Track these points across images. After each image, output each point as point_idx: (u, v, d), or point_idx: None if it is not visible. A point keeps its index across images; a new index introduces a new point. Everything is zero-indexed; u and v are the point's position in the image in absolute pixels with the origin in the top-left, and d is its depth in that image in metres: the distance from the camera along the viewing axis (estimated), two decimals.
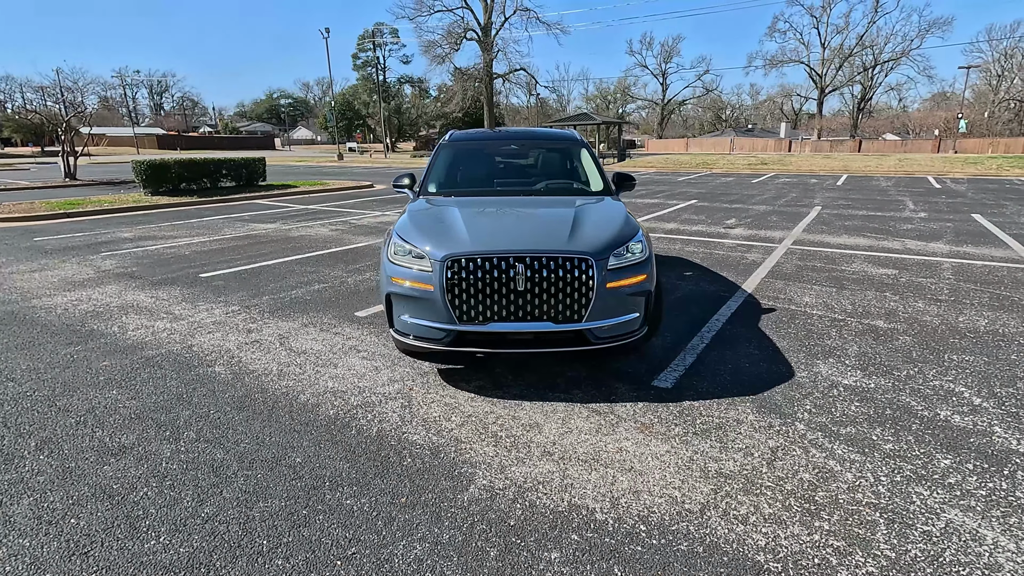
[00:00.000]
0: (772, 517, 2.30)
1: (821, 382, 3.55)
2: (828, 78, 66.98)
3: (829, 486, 2.50)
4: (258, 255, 7.70)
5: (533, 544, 2.16)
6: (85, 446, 2.88)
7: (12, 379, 3.72)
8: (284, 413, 3.22)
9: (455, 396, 3.41)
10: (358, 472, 2.64)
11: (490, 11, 40.68)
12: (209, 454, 2.80)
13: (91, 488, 2.53)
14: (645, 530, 2.23)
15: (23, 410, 3.28)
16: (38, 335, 4.56)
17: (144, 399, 3.41)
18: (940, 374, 3.66)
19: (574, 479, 2.57)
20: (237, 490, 2.51)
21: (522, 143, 5.24)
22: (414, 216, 3.83)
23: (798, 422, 3.05)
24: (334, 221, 11.06)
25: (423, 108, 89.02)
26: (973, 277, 6.11)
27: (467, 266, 3.18)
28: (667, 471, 2.63)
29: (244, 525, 2.28)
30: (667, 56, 77.41)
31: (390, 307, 3.49)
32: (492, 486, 2.53)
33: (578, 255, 3.19)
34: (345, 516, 2.33)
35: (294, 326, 4.72)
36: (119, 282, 6.28)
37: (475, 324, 3.23)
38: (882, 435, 2.91)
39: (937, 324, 4.61)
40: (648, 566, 2.04)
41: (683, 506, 2.37)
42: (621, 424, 3.05)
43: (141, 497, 2.46)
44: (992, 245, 7.88)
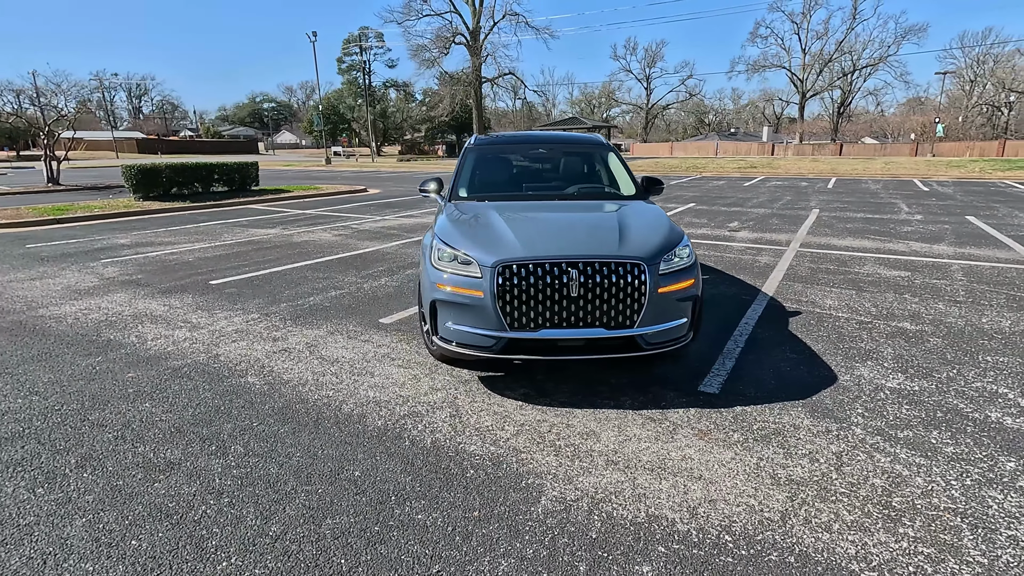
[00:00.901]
0: (855, 524, 2.27)
1: (866, 385, 3.56)
2: (809, 83, 68.18)
3: (903, 491, 2.48)
4: (265, 261, 7.55)
5: (621, 558, 2.11)
6: (129, 462, 2.76)
7: (36, 392, 3.57)
8: (330, 424, 3.13)
9: (503, 404, 3.35)
10: (422, 485, 2.56)
11: (479, 15, 40.70)
12: (262, 469, 2.70)
13: (146, 507, 2.42)
14: (731, 540, 2.19)
15: (54, 425, 3.14)
16: (52, 346, 4.39)
17: (180, 412, 3.29)
18: (979, 376, 3.68)
19: (646, 489, 2.53)
20: (300, 506, 2.42)
21: (550, 147, 5.20)
22: (454, 221, 3.76)
23: (854, 426, 3.05)
24: (335, 226, 10.91)
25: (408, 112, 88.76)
26: (984, 278, 6.20)
27: (519, 272, 3.13)
28: (737, 479, 2.59)
29: (317, 544, 2.19)
30: (651, 61, 78.22)
31: (435, 314, 3.41)
32: (564, 497, 2.47)
33: (631, 260, 3.16)
34: (420, 532, 2.25)
35: (320, 334, 4.61)
36: (126, 290, 6.10)
37: (526, 331, 3.18)
38: (940, 438, 2.91)
39: (962, 325, 4.65)
40: None
41: (763, 515, 2.34)
42: (679, 431, 3.02)
43: (201, 516, 2.36)
44: (994, 247, 8.03)
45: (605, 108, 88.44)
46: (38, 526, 2.31)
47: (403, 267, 7.09)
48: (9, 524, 2.32)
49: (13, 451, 2.88)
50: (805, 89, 68.40)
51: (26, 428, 3.11)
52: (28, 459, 2.80)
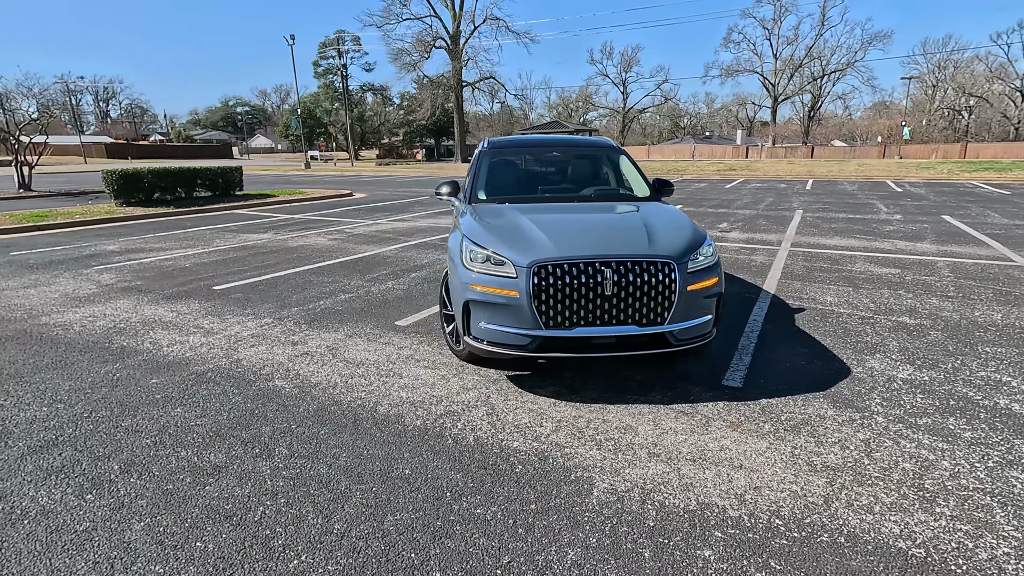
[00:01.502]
0: (895, 505, 2.40)
1: (878, 377, 3.72)
2: (781, 87, 69.88)
3: (932, 474, 2.62)
4: (264, 266, 7.49)
5: (682, 543, 2.20)
6: (175, 467, 2.75)
7: (60, 400, 3.51)
8: (369, 425, 3.16)
9: (536, 402, 3.42)
10: (475, 481, 2.62)
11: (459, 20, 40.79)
12: (312, 470, 2.72)
13: (203, 510, 2.42)
14: (782, 524, 2.30)
15: (88, 432, 3.11)
16: (65, 354, 4.32)
17: (215, 416, 3.28)
18: (982, 366, 3.88)
19: (691, 478, 2.62)
20: (359, 504, 2.45)
21: (563, 149, 5.30)
22: (481, 222, 3.82)
23: (876, 415, 3.19)
24: (328, 231, 10.84)
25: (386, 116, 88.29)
26: (970, 274, 6.49)
27: (554, 272, 3.21)
28: (776, 467, 2.70)
29: (384, 539, 2.23)
30: (627, 65, 79.33)
31: (467, 314, 3.47)
32: (614, 488, 2.55)
33: (661, 259, 3.26)
34: (483, 525, 2.31)
35: (338, 337, 4.62)
36: (128, 296, 6.00)
37: (561, 329, 3.25)
38: (957, 424, 3.08)
39: (958, 319, 4.88)
40: (802, 558, 2.11)
41: (807, 499, 2.45)
42: (711, 423, 3.12)
43: (261, 516, 2.38)
44: (974, 244, 8.39)
45: (582, 112, 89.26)
46: (97, 531, 2.30)
47: (407, 271, 7.11)
48: (66, 530, 2.31)
49: (51, 458, 2.84)
50: (777, 93, 70.07)
51: (59, 435, 3.07)
52: (69, 466, 2.77)
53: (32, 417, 3.30)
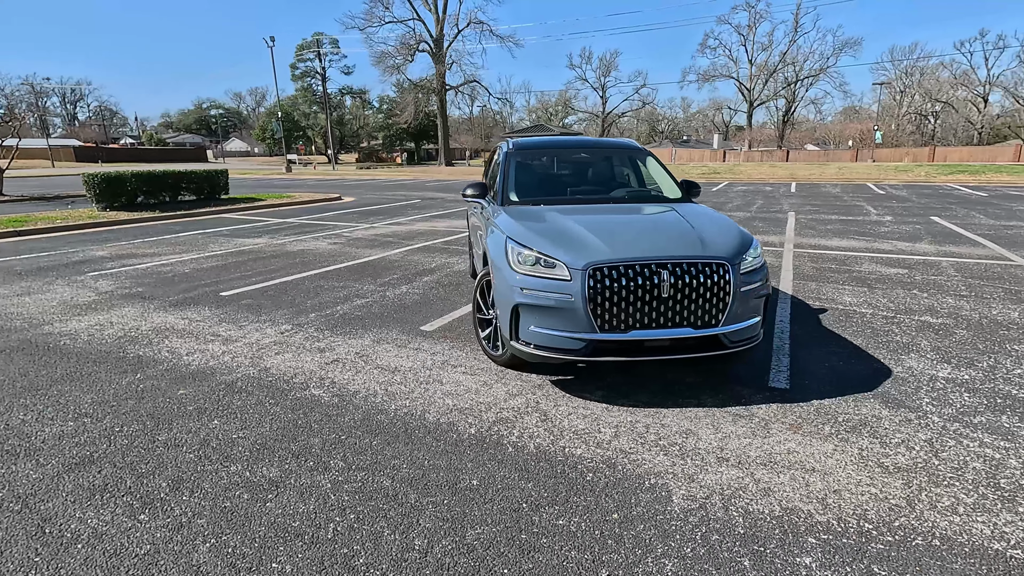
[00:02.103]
0: (978, 506, 2.39)
1: (921, 376, 3.74)
2: (756, 92, 71.25)
3: (1004, 472, 2.62)
4: (268, 271, 7.28)
5: (778, 551, 2.14)
6: (227, 483, 2.61)
7: (85, 414, 3.32)
8: (422, 434, 3.05)
9: (588, 407, 3.34)
10: (547, 491, 2.53)
11: (442, 23, 40.69)
12: (375, 482, 2.60)
13: (270, 528, 2.29)
14: (873, 528, 2.26)
15: (124, 448, 2.94)
16: (78, 365, 4.11)
17: (256, 428, 3.13)
18: (1016, 364, 3.93)
19: (768, 483, 2.58)
20: (434, 518, 2.34)
21: (591, 151, 5.25)
22: (525, 224, 3.74)
23: (930, 415, 3.20)
24: (326, 234, 10.63)
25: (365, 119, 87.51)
26: (976, 274, 6.63)
27: (610, 274, 3.15)
28: (848, 469, 2.68)
29: (471, 555, 2.13)
30: (606, 70, 79.96)
31: (516, 318, 3.38)
32: (694, 495, 2.49)
33: (716, 260, 3.23)
34: (571, 537, 2.23)
35: (365, 343, 4.48)
36: (132, 304, 5.76)
37: (616, 332, 3.19)
38: (1011, 422, 3.10)
39: (977, 318, 4.96)
40: (903, 563, 2.07)
41: (889, 502, 2.43)
42: (771, 426, 3.09)
43: (334, 533, 2.26)
44: (970, 244, 8.60)
45: (562, 116, 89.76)
46: (160, 555, 2.15)
47: (417, 274, 6.98)
48: (126, 555, 2.16)
49: (91, 476, 2.67)
50: (753, 98, 71.43)
51: (93, 451, 2.90)
52: (112, 484, 2.61)
53: (60, 432, 3.11)
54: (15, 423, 3.23)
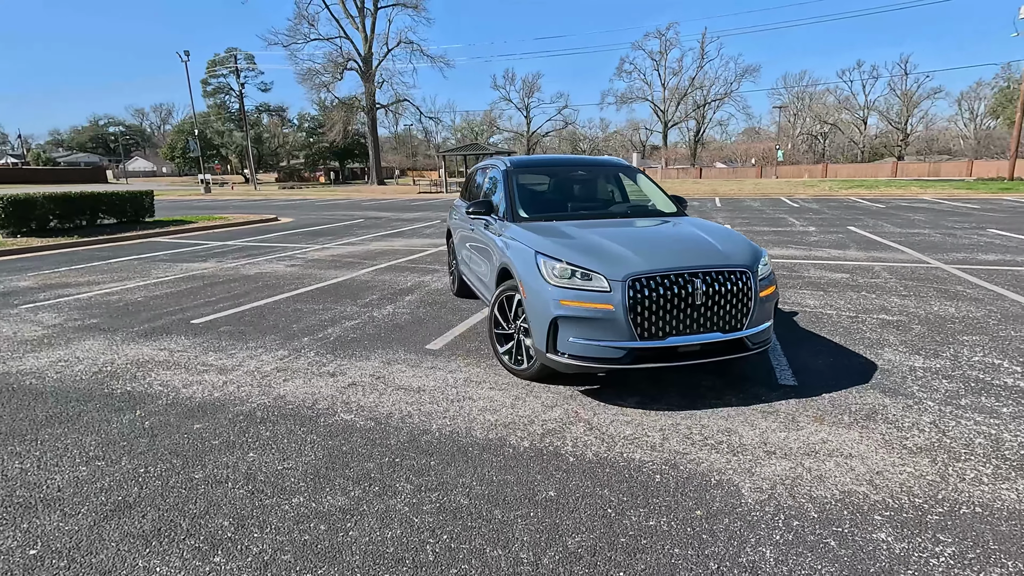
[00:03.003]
0: (997, 476, 2.71)
1: (901, 367, 4.17)
2: (670, 113, 75.73)
3: (1005, 445, 2.99)
4: (233, 296, 6.89)
5: (855, 530, 2.34)
6: (296, 515, 2.48)
7: (97, 457, 3.03)
8: (477, 451, 3.04)
9: (626, 413, 3.46)
10: (626, 495, 2.61)
11: (370, 42, 40.19)
12: (452, 501, 2.57)
13: (364, 556, 2.21)
14: (923, 502, 2.52)
15: (160, 490, 2.71)
16: (59, 405, 3.73)
17: (300, 458, 2.99)
18: (972, 352, 4.47)
19: (819, 471, 2.79)
20: (530, 531, 2.36)
21: (588, 169, 5.44)
22: (550, 238, 3.82)
23: (924, 400, 3.58)
24: (279, 256, 10.18)
25: (284, 138, 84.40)
26: (906, 275, 7.44)
27: (648, 284, 3.31)
28: (879, 452, 2.95)
29: (581, 562, 2.17)
30: (529, 91, 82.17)
31: (555, 330, 3.46)
32: (760, 487, 2.66)
33: (739, 268, 3.48)
34: (668, 536, 2.32)
35: (375, 365, 4.37)
36: (92, 336, 5.28)
37: (654, 340, 3.35)
38: (992, 403, 3.53)
39: (924, 314, 5.58)
40: (962, 530, 2.32)
41: (926, 478, 2.71)
42: (798, 420, 3.34)
43: (435, 555, 2.21)
44: (891, 250, 9.61)
45: (487, 135, 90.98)
46: None
47: (397, 294, 6.87)
48: None
49: (137, 522, 2.45)
50: (667, 119, 75.85)
51: (126, 496, 2.65)
52: (166, 528, 2.41)
53: (75, 479, 2.82)
54: (13, 473, 2.89)
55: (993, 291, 6.46)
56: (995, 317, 5.41)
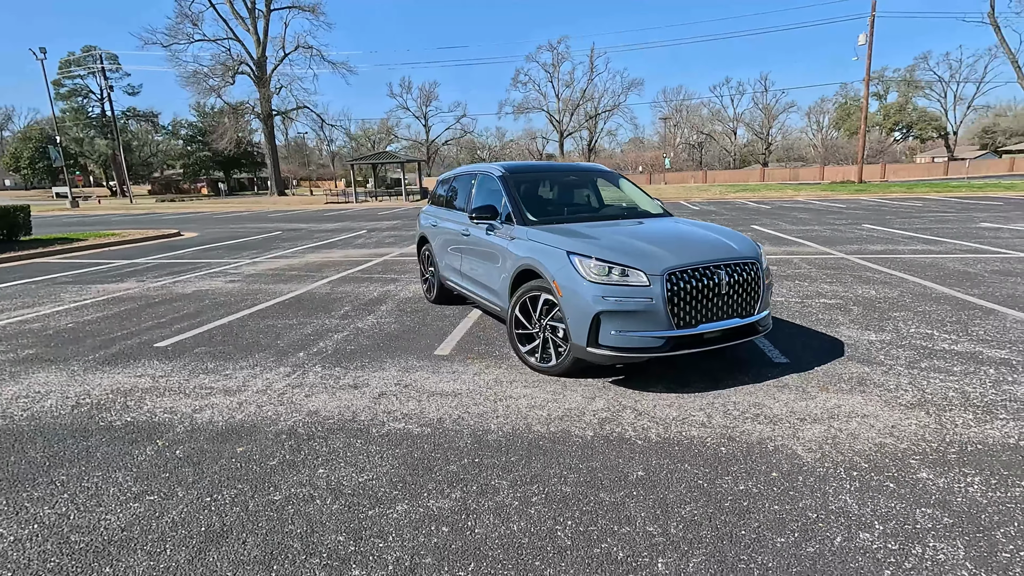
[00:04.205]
0: (981, 419, 3.30)
1: (861, 341, 4.85)
2: (565, 123, 78.92)
3: (973, 395, 3.63)
4: (185, 316, 6.35)
5: (903, 473, 2.77)
6: (409, 521, 2.46)
7: (145, 493, 2.76)
8: (548, 443, 3.16)
9: (664, 398, 3.74)
10: (707, 467, 2.86)
11: (264, 45, 37.87)
12: (557, 491, 2.68)
13: (503, 548, 2.27)
14: (940, 444, 3.02)
15: (244, 516, 2.55)
16: (54, 444, 3.31)
17: (374, 469, 2.93)
18: (906, 324, 5.29)
19: (848, 429, 3.23)
20: (642, 507, 2.53)
21: (579, 174, 5.67)
22: (579, 240, 4.00)
23: (895, 365, 4.22)
24: (209, 272, 9.43)
25: (157, 146, 77.03)
26: (821, 265, 8.51)
27: (682, 276, 3.62)
28: (884, 411, 3.47)
29: (706, 526, 2.38)
30: (426, 99, 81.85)
31: (597, 325, 3.65)
32: (810, 448, 3.03)
33: (750, 259, 3.90)
34: (762, 496, 2.60)
35: (394, 374, 4.31)
36: (41, 369, 4.66)
37: (687, 328, 3.66)
38: (944, 363, 4.24)
39: (854, 296, 6.47)
40: (977, 464, 2.83)
41: (930, 427, 3.23)
42: (808, 390, 3.81)
43: (572, 539, 2.32)
44: (798, 245, 10.89)
45: (385, 143, 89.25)
46: None
47: (367, 305, 6.70)
48: None
49: (239, 550, 2.30)
50: (562, 129, 78.99)
51: (208, 527, 2.47)
52: (278, 552, 2.29)
53: (135, 517, 2.56)
54: (51, 519, 2.57)
55: (895, 275, 7.60)
56: (908, 296, 6.40)
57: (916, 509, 2.48)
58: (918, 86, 74.80)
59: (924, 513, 2.45)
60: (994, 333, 4.93)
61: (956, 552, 2.20)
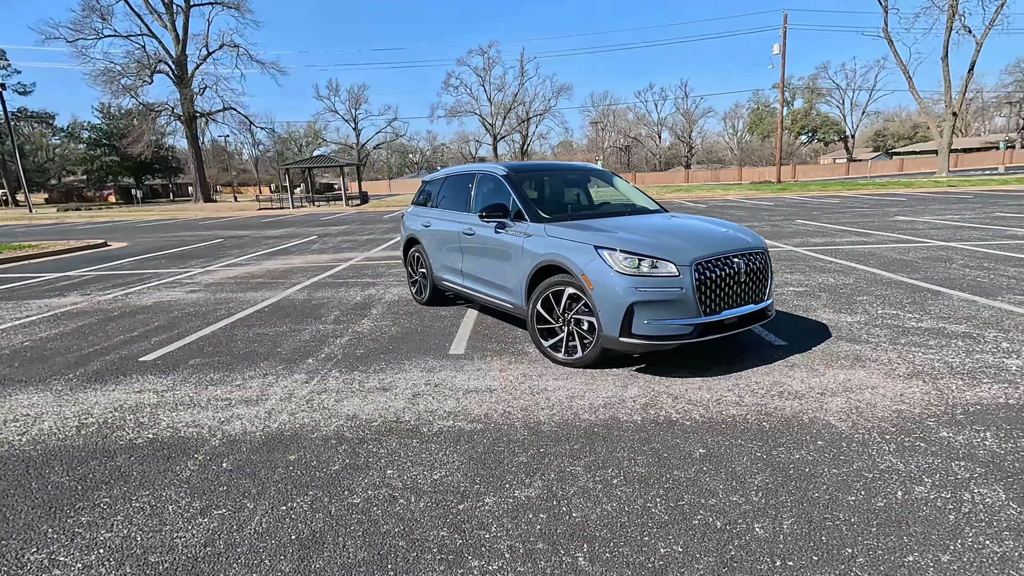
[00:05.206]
0: (969, 384, 3.73)
1: (840, 323, 5.30)
2: (497, 127, 79.48)
3: (953, 365, 4.08)
4: (157, 329, 5.95)
5: (927, 433, 3.09)
6: (504, 511, 2.50)
7: (211, 506, 2.62)
8: (602, 430, 3.26)
9: (691, 382, 3.94)
10: (761, 440, 3.07)
11: (184, 43, 35.49)
12: (631, 472, 2.79)
13: (612, 527, 2.35)
14: (945, 408, 3.39)
15: (335, 521, 2.48)
16: (80, 468, 3.06)
17: (447, 466, 2.93)
18: (873, 306, 5.83)
19: (866, 399, 3.55)
20: (719, 479, 2.69)
21: (578, 174, 5.79)
22: (603, 234, 4.12)
23: (880, 343, 4.65)
24: (162, 283, 8.83)
25: (54, 151, 70.49)
26: (775, 257, 9.14)
27: (707, 266, 3.84)
28: (888, 382, 3.83)
29: (787, 495, 2.57)
30: (355, 102, 79.88)
31: (630, 316, 3.80)
32: (842, 418, 3.31)
33: (761, 249, 4.19)
34: (818, 463, 2.82)
35: (418, 375, 4.27)
36: (19, 390, 4.25)
37: (713, 315, 3.88)
38: (918, 339, 4.72)
39: (817, 284, 7.02)
40: (984, 421, 3.21)
41: (931, 394, 3.61)
42: (815, 367, 4.14)
43: (668, 516, 2.44)
44: None
45: (312, 146, 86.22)
46: None
47: (358, 309, 6.55)
48: None
49: (340, 554, 2.25)
50: (496, 132, 79.50)
51: (300, 532, 2.39)
52: (387, 552, 2.26)
53: (209, 532, 2.43)
54: (115, 542, 2.39)
55: (844, 264, 8.31)
56: (863, 282, 7.03)
57: (951, 463, 2.79)
58: (820, 93, 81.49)
59: (959, 465, 2.76)
60: (948, 311, 5.53)
61: (998, 495, 2.51)
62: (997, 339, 4.61)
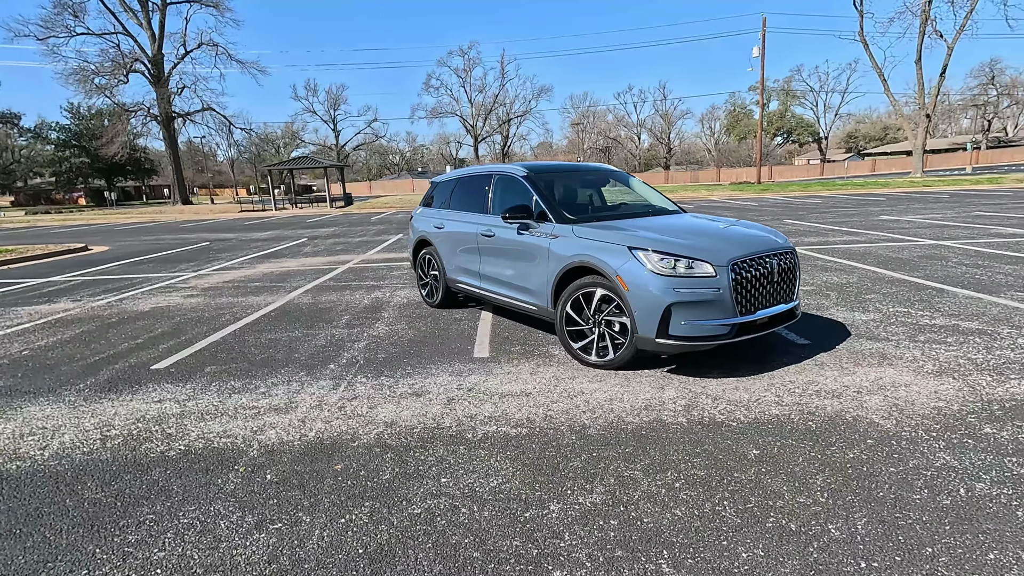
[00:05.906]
0: (998, 381, 3.79)
1: (857, 321, 5.36)
2: (479, 128, 79.35)
3: (977, 361, 4.16)
4: (164, 336, 5.76)
5: (971, 429, 3.13)
6: (573, 518, 2.45)
7: (264, 521, 2.51)
8: (650, 432, 3.24)
9: (727, 383, 3.94)
10: (810, 439, 3.07)
11: (160, 42, 34.59)
12: (691, 475, 2.77)
13: (686, 532, 2.32)
14: (982, 403, 3.44)
15: (401, 533, 2.40)
16: (116, 483, 2.92)
17: (502, 472, 2.87)
18: (885, 305, 5.92)
19: (904, 397, 3.59)
20: (782, 479, 2.68)
21: (596, 174, 5.76)
22: (635, 234, 4.10)
23: (901, 340, 4.72)
24: (155, 288, 8.57)
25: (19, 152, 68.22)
26: None
27: (744, 266, 3.84)
28: (919, 378, 3.88)
29: (841, 492, 2.57)
30: (334, 103, 78.98)
31: (668, 316, 3.78)
32: (884, 416, 3.34)
33: (790, 249, 4.21)
34: (873, 460, 2.83)
35: (448, 379, 4.19)
36: (28, 402, 4.06)
37: (748, 315, 3.89)
38: (936, 336, 4.80)
39: (824, 283, 7.12)
40: (1019, 415, 3.27)
41: (964, 389, 3.67)
42: (844, 366, 4.17)
43: (740, 520, 2.42)
44: None
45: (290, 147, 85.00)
46: None
47: (369, 312, 6.43)
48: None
49: (412, 563, 2.18)
50: (477, 133, 79.36)
51: (367, 545, 2.31)
52: (466, 561, 2.19)
53: (267, 547, 2.33)
54: (169, 562, 2.28)
55: (843, 263, 8.45)
56: (867, 280, 7.15)
57: (1003, 458, 2.82)
58: (795, 95, 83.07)
59: (1012, 461, 2.80)
60: (956, 308, 5.64)
61: None
62: (1012, 335, 4.71)
